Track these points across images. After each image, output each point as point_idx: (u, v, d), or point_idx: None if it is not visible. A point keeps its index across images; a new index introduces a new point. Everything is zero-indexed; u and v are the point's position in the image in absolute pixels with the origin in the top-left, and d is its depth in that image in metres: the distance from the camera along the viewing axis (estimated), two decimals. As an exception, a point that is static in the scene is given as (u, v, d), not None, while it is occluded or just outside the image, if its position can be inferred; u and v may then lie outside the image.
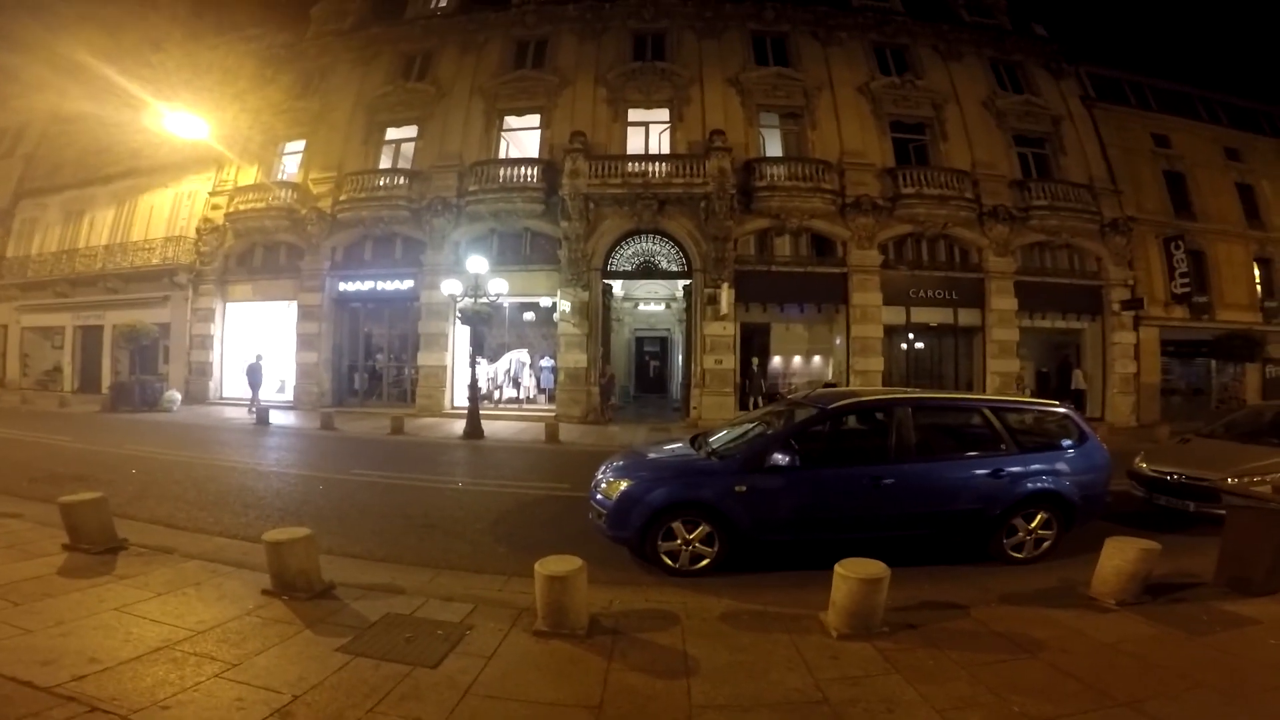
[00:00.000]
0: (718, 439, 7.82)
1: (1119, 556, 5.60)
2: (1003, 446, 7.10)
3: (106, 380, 24.69)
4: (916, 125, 22.74)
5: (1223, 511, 6.50)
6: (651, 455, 7.86)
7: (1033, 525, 6.97)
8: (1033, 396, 19.36)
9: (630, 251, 21.35)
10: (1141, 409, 21.39)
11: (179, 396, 22.15)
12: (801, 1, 24.11)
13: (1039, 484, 6.98)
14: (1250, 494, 6.89)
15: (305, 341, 22.49)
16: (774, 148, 22.63)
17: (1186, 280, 22.07)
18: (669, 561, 6.59)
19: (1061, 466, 7.16)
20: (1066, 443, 7.43)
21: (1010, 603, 5.75)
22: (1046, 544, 7.05)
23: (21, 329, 27.82)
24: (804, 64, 22.91)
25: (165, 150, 24.06)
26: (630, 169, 20.57)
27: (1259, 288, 24.12)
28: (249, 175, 24.52)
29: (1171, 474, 8.70)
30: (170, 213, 25.59)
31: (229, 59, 25.69)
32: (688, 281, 21.29)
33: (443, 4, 26.02)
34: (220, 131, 21.01)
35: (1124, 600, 5.56)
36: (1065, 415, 7.69)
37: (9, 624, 4.74)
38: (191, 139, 17.83)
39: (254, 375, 21.33)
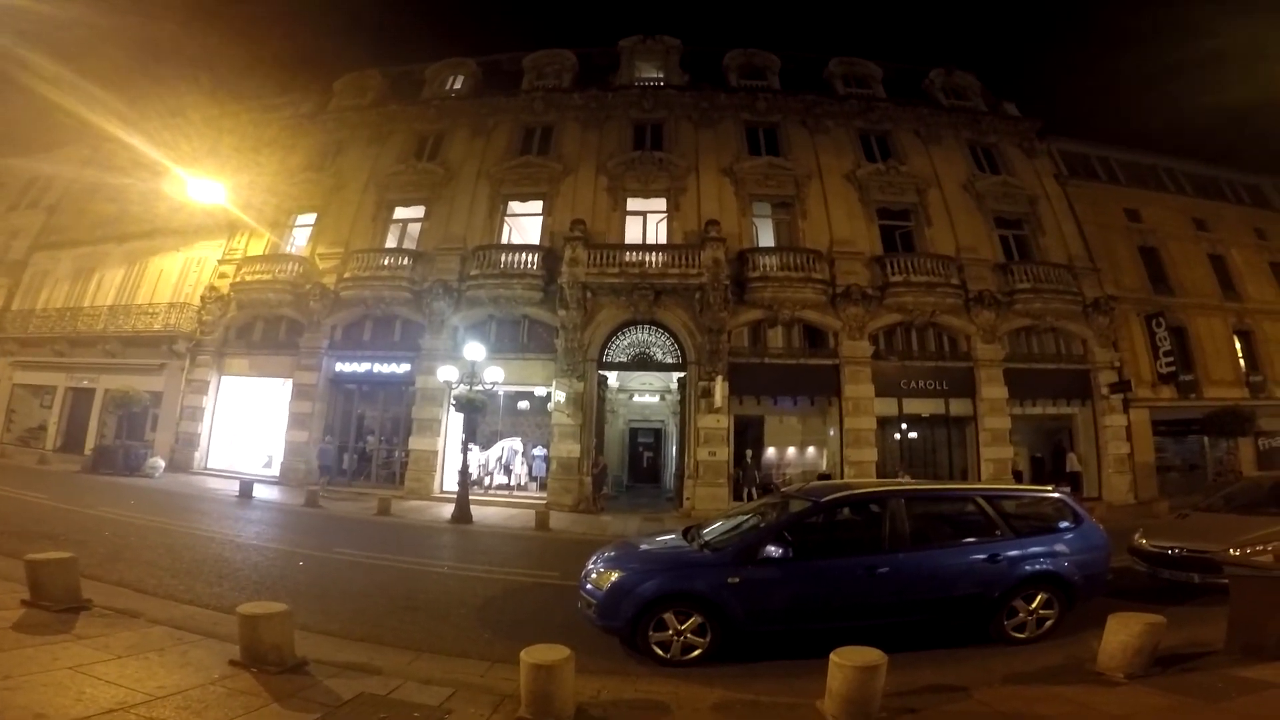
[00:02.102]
0: (711, 531, 7.86)
1: (1124, 631, 5.63)
2: (998, 532, 7.27)
3: (90, 442, 24.30)
4: (902, 211, 23.51)
5: (1227, 581, 6.53)
6: (644, 547, 7.93)
7: (1033, 606, 7.05)
8: (1029, 482, 19.18)
9: (626, 342, 21.54)
10: (1139, 487, 21.17)
11: (162, 463, 21.75)
12: (792, 90, 25.50)
13: (1037, 566, 7.09)
14: (1252, 564, 6.98)
15: (297, 420, 22.23)
16: (766, 237, 23.30)
17: (1171, 359, 22.28)
18: (660, 652, 6.50)
19: (1059, 548, 7.30)
20: (1064, 525, 7.59)
21: (1015, 682, 5.68)
22: (1049, 623, 7.09)
23: (13, 385, 27.54)
24: (794, 153, 23.90)
25: (181, 215, 24.71)
26: (628, 259, 21.05)
27: (1242, 362, 24.31)
28: (259, 245, 24.89)
29: (1172, 548, 8.87)
30: (178, 278, 25.80)
31: (252, 125, 26.65)
32: (682, 374, 21.36)
33: (457, 86, 27.38)
34: (236, 196, 21.49)
35: (1132, 674, 5.52)
36: (1059, 499, 7.91)
37: (-47, 675, 4.51)
38: (207, 204, 18.20)
39: (324, 457, 21.09)
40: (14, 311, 28.19)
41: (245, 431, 23.88)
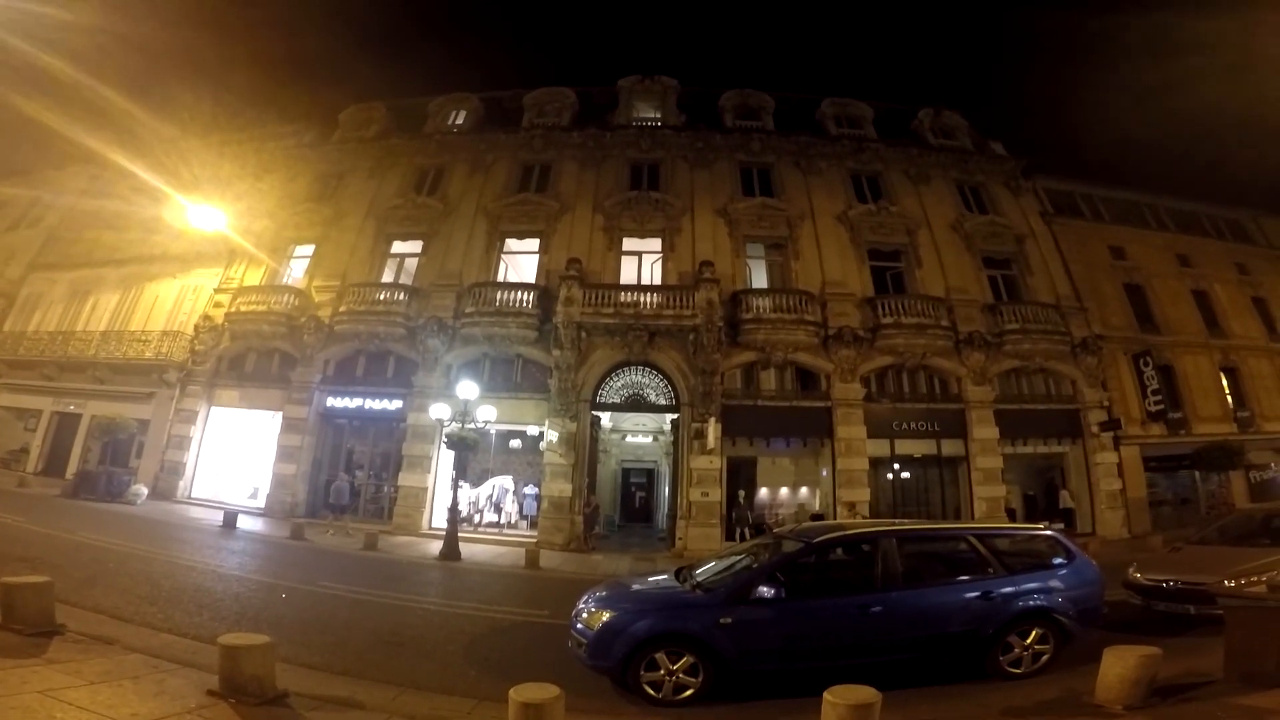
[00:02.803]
0: (703, 571, 7.88)
1: (1120, 664, 5.67)
2: (990, 569, 7.32)
3: (73, 466, 23.91)
4: (892, 252, 23.77)
5: (1222, 612, 6.58)
6: (635, 587, 8.02)
7: (1028, 641, 7.05)
8: (1022, 520, 19.37)
9: (620, 383, 21.51)
10: (1132, 521, 21.09)
11: (145, 491, 21.37)
12: (785, 131, 26.02)
13: (1031, 602, 7.10)
14: (1246, 594, 7.10)
15: (285, 453, 21.94)
16: (759, 278, 23.50)
17: (1159, 398, 22.37)
18: (651, 692, 6.47)
19: (1053, 584, 7.35)
20: (1056, 561, 7.66)
21: (1012, 716, 5.70)
22: (1045, 658, 7.08)
23: (-2, 406, 27.18)
24: (787, 193, 24.29)
25: (181, 241, 24.70)
26: (623, 299, 21.14)
27: (1229, 399, 24.42)
28: (256, 275, 24.87)
29: (1167, 581, 8.93)
30: (173, 305, 25.66)
31: (255, 153, 26.80)
32: (675, 415, 21.31)
33: (459, 121, 27.82)
34: (236, 224, 21.48)
35: (1131, 705, 5.54)
36: (1051, 537, 8.04)
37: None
38: (206, 231, 18.17)
39: (340, 495, 19.94)
40: (5, 333, 27.89)
41: (232, 462, 23.54)
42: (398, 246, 24.75)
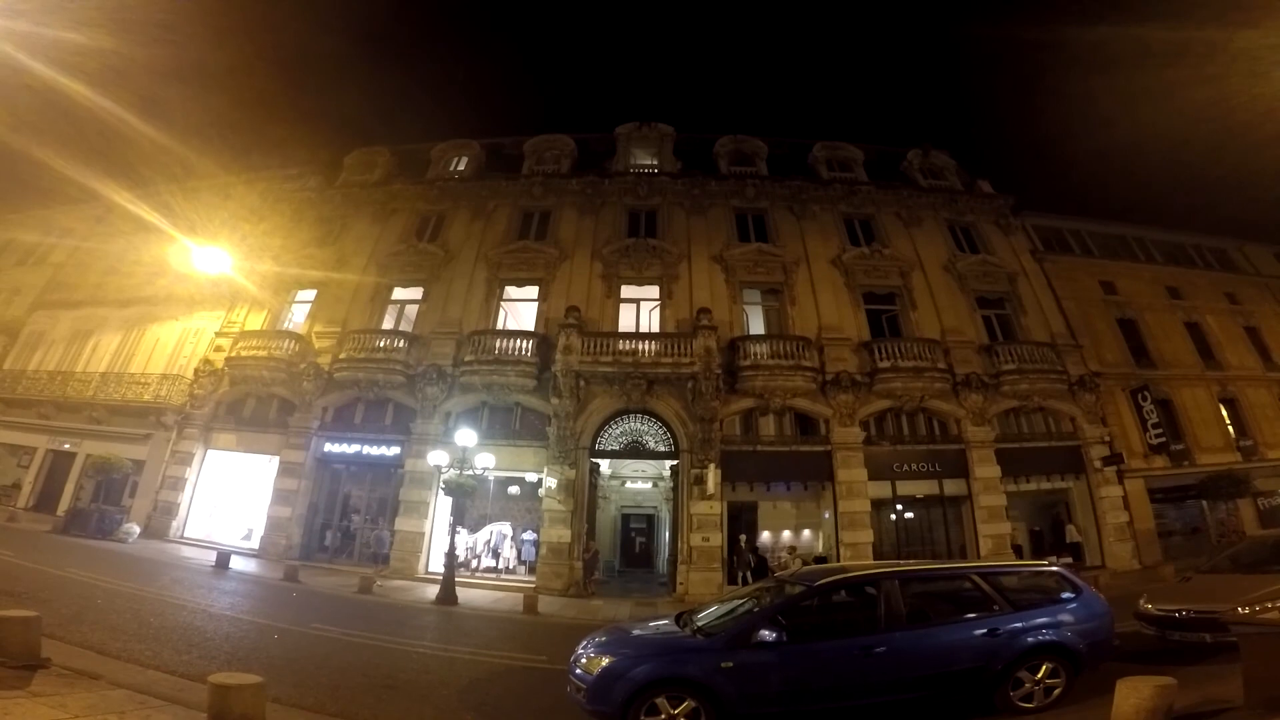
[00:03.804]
0: (705, 615, 7.85)
1: (1135, 695, 5.61)
2: (996, 606, 7.33)
3: (65, 503, 23.53)
4: (887, 295, 23.96)
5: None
6: (636, 631, 7.95)
7: (1039, 675, 7.01)
8: (1030, 556, 19.27)
9: (619, 431, 21.42)
10: (1142, 553, 20.77)
11: (137, 529, 21.06)
12: (778, 176, 26.49)
13: (1040, 637, 7.08)
14: (1259, 621, 6.98)
15: (281, 497, 21.65)
16: (756, 324, 23.62)
17: (1160, 431, 22.30)
18: None
19: (1063, 618, 7.33)
20: (1064, 595, 7.65)
21: None
22: (1057, 691, 7.04)
23: (-9, 443, 26.92)
24: (782, 238, 24.61)
25: (185, 284, 24.77)
26: (621, 347, 21.15)
27: (1231, 429, 24.29)
28: (258, 320, 24.91)
29: (1179, 611, 8.84)
30: (174, 348, 25.61)
31: (258, 196, 27.04)
32: (675, 462, 21.14)
33: (460, 167, 28.35)
34: (241, 265, 21.53)
35: None
36: (1056, 572, 8.10)
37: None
38: (210, 274, 18.19)
39: (381, 547, 20.13)
40: (5, 370, 27.78)
41: (226, 503, 23.24)
42: (398, 293, 24.86)
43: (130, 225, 26.75)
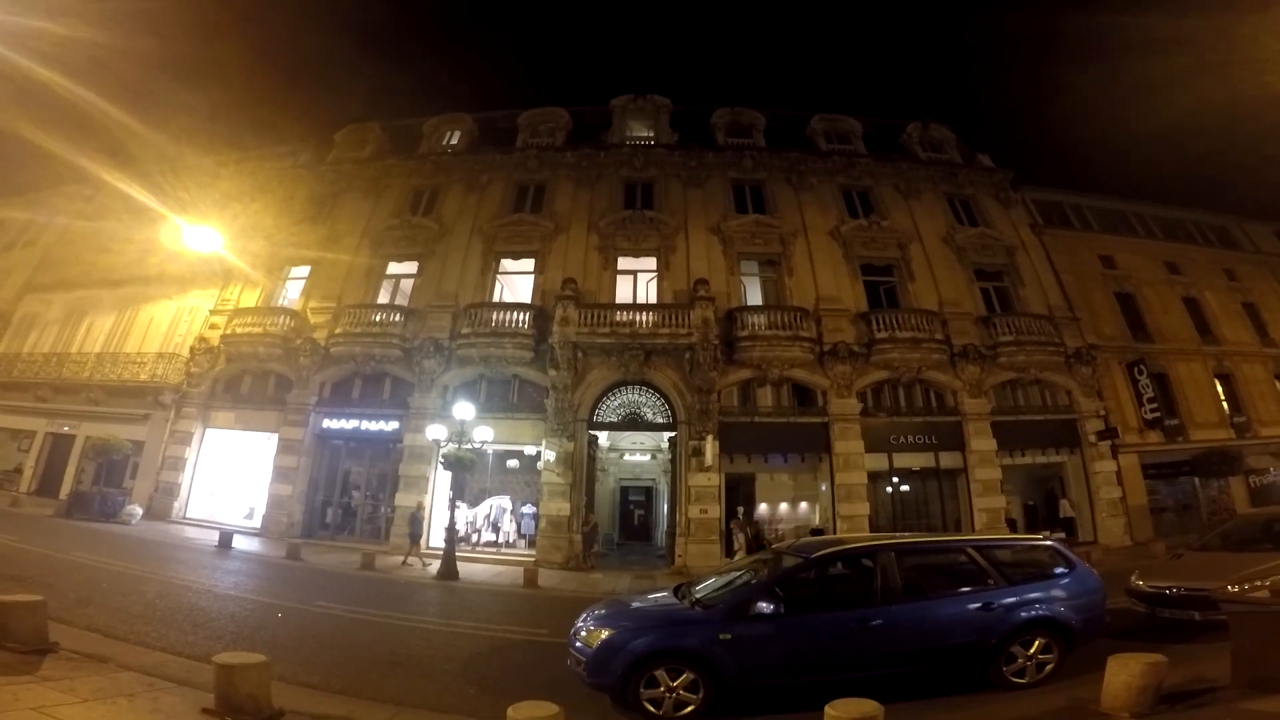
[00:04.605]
0: (703, 588, 7.88)
1: (1125, 672, 5.66)
2: (991, 581, 7.32)
3: (67, 486, 23.69)
4: (885, 267, 23.92)
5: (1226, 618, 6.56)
6: (635, 604, 7.98)
7: (1032, 651, 7.02)
8: (1023, 530, 19.29)
9: (617, 402, 21.50)
10: (1134, 529, 21.03)
11: (139, 511, 21.22)
12: (776, 147, 26.28)
13: (1033, 612, 7.10)
14: (1249, 600, 7.03)
15: (281, 474, 21.79)
16: (754, 295, 23.58)
17: (1155, 405, 22.49)
18: (652, 709, 6.44)
19: (1055, 593, 7.33)
20: (1058, 570, 7.63)
21: None
22: (1049, 667, 7.05)
23: (-10, 428, 27.01)
24: (780, 210, 24.45)
25: (176, 263, 24.62)
26: (618, 318, 21.17)
27: (1225, 405, 24.48)
28: (252, 297, 24.82)
29: (1170, 588, 8.88)
30: (169, 327, 25.55)
31: (250, 174, 26.85)
32: (673, 433, 21.25)
33: (453, 141, 28.07)
34: (231, 245, 21.44)
35: (1139, 712, 5.53)
36: (1050, 547, 8.05)
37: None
38: (203, 253, 18.09)
39: (415, 525, 18.89)
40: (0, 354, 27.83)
41: (227, 482, 23.38)
42: (393, 267, 24.76)
43: (120, 205, 26.53)
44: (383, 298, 24.14)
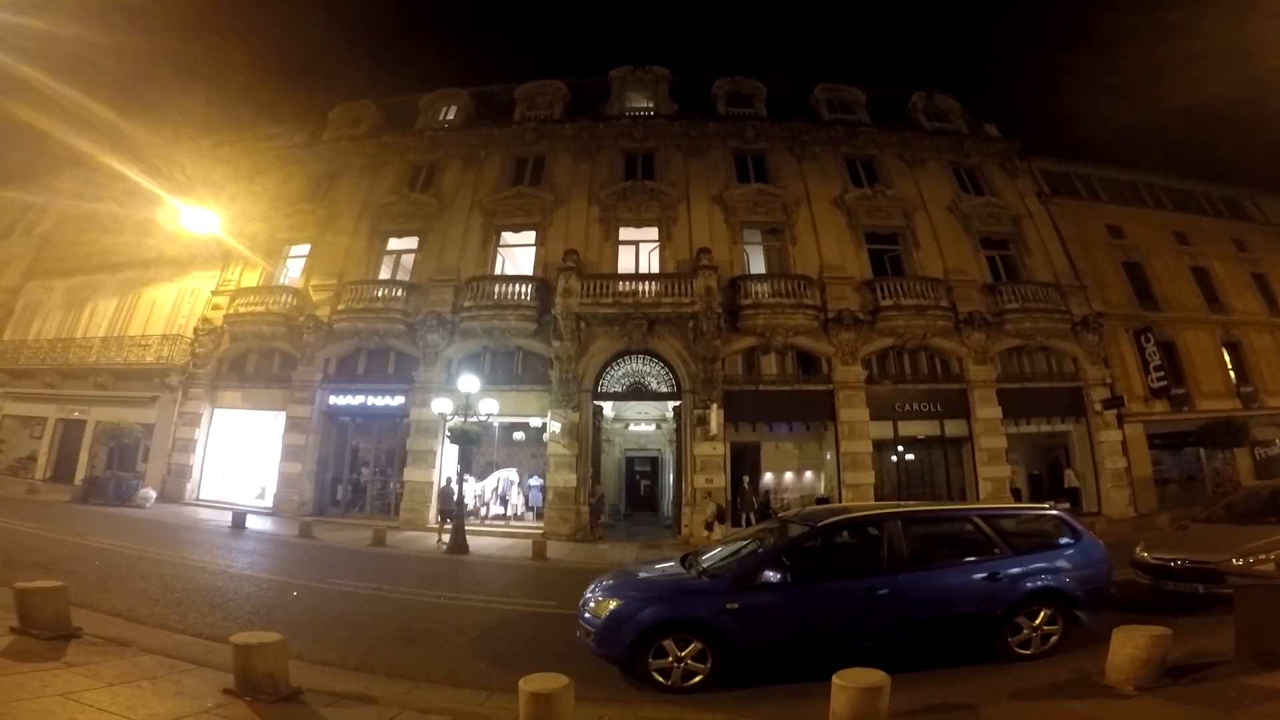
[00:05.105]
0: (710, 557, 7.87)
1: (1130, 644, 5.63)
2: (997, 550, 7.28)
3: (81, 472, 24.08)
4: (890, 235, 23.76)
5: (1231, 591, 6.56)
6: (642, 574, 7.93)
7: (1037, 622, 7.01)
8: (1028, 499, 19.03)
9: (621, 372, 21.56)
10: (1138, 500, 21.14)
11: (153, 494, 21.53)
12: (778, 117, 25.94)
13: (1039, 583, 7.07)
14: (1254, 573, 7.07)
15: (290, 452, 22.03)
16: (757, 264, 23.48)
17: (1162, 374, 22.47)
18: (660, 679, 6.47)
19: (1060, 564, 7.30)
20: (1063, 541, 7.60)
21: (1022, 698, 5.64)
22: (1054, 638, 7.05)
23: (2, 415, 27.25)
24: (782, 179, 24.21)
25: (175, 245, 24.64)
26: (621, 288, 21.16)
27: (1232, 374, 24.49)
28: (253, 277, 24.87)
29: (1175, 560, 8.83)
30: (171, 309, 25.68)
31: (246, 155, 26.75)
32: (677, 403, 21.33)
33: (450, 117, 27.74)
34: (230, 226, 21.45)
35: (1143, 685, 5.51)
36: (1057, 516, 7.94)
37: (-59, 702, 4.45)
38: (201, 234, 18.07)
39: (446, 500, 18.94)
40: (5, 342, 27.93)
41: (238, 463, 23.70)
42: (393, 243, 24.74)
43: (117, 189, 26.41)
44: (384, 273, 24.15)
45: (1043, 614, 6.99)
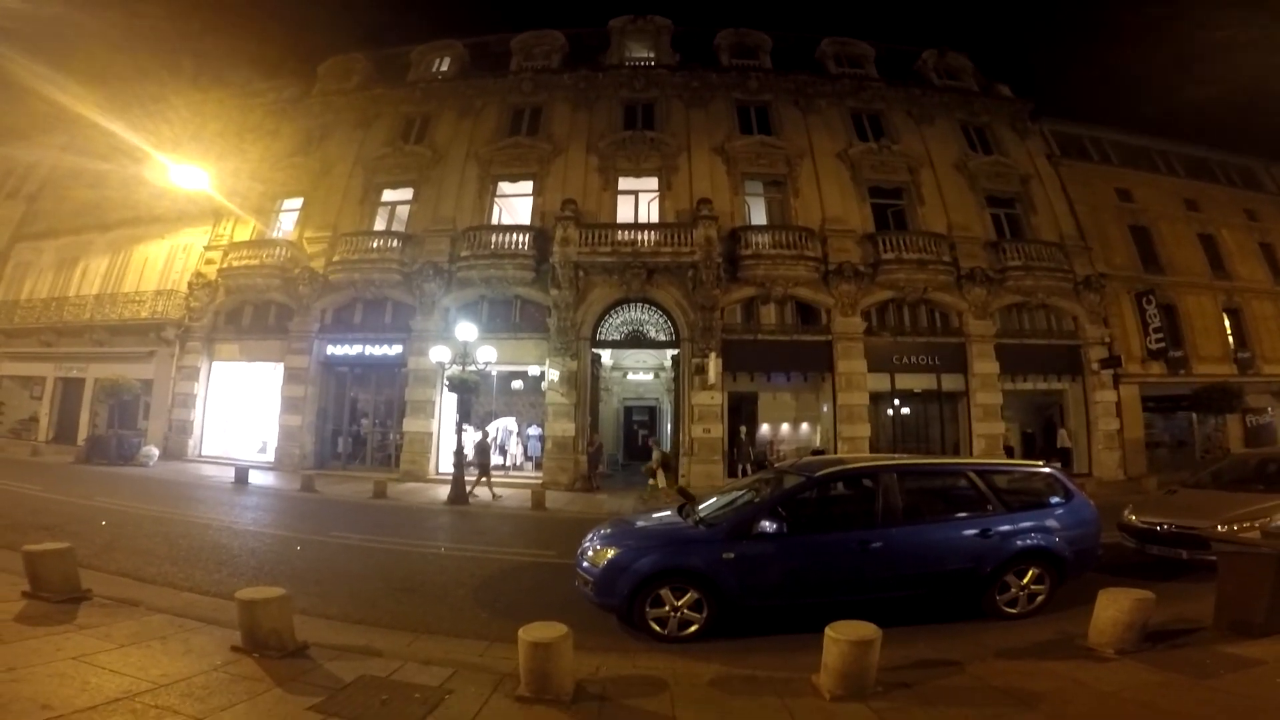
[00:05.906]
0: (706, 507, 7.88)
1: (1113, 607, 5.66)
2: (990, 507, 7.27)
3: (83, 432, 24.21)
4: (894, 190, 23.49)
5: (1214, 558, 6.59)
6: (639, 524, 7.93)
7: (1025, 581, 7.06)
8: (1020, 458, 19.47)
9: (619, 320, 21.55)
10: (1128, 463, 21.45)
11: (156, 452, 21.72)
12: (783, 70, 25.37)
13: (1029, 541, 7.08)
14: (1239, 540, 7.03)
15: (290, 404, 22.15)
16: (759, 215, 23.25)
17: (1161, 335, 22.54)
18: (657, 628, 6.56)
19: (1050, 523, 7.30)
20: (1054, 500, 7.62)
21: (1007, 657, 5.71)
22: (1040, 598, 7.11)
23: (1, 376, 27.37)
24: (786, 132, 23.79)
25: (165, 201, 24.28)
26: (620, 237, 20.98)
27: (1230, 340, 24.64)
28: (245, 231, 24.63)
29: (1161, 524, 8.89)
30: (164, 265, 25.52)
31: (236, 111, 26.28)
32: (676, 351, 21.38)
33: (444, 68, 27.05)
34: (221, 183, 21.17)
35: (1123, 649, 5.57)
36: (1050, 475, 7.96)
37: (-42, 668, 4.52)
38: (191, 191, 17.86)
39: (482, 455, 18.02)
40: (-1, 302, 27.89)
41: (238, 417, 23.87)
42: (388, 195, 24.42)
43: (103, 147, 25.97)
44: (379, 225, 23.90)
45: (1031, 573, 7.06)
